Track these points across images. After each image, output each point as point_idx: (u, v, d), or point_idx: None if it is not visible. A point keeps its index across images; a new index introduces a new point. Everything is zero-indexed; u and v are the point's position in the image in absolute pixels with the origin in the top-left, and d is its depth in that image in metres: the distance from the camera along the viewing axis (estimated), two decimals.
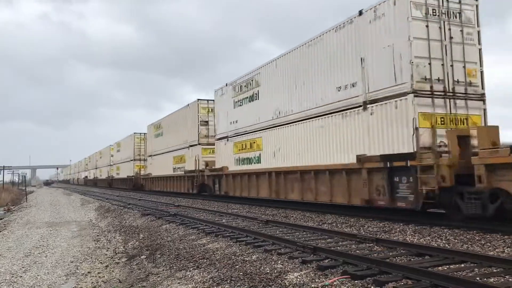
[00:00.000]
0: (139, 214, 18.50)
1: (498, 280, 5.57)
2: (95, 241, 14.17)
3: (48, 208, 29.12)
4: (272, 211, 15.85)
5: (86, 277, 9.58)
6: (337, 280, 6.02)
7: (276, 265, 7.27)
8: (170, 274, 8.26)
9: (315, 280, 6.19)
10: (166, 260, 9.44)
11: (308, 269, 6.84)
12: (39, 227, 18.31)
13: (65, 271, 10.28)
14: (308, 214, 14.13)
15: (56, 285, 9.16)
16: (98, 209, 25.27)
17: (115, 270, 10.00)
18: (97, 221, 19.93)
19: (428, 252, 7.28)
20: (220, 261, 8.20)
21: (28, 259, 11.70)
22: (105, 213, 22.08)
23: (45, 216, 23.37)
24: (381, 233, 9.77)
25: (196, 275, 7.68)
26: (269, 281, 6.48)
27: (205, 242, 10.41)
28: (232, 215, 14.99)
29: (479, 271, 6.06)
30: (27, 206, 33.53)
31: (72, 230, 17.24)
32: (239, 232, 10.87)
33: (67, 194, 49.12)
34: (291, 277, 6.48)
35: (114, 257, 11.38)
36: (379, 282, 5.67)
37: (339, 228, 11.02)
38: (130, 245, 12.51)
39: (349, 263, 6.79)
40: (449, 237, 8.77)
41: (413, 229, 9.98)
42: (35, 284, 9.23)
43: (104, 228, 17.30)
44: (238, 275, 7.05)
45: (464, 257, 6.72)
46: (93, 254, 12.10)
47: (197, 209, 18.40)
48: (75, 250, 12.85)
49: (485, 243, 8.08)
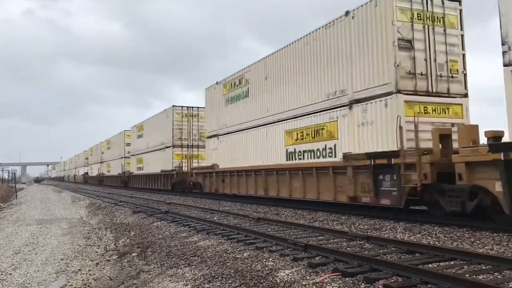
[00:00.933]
0: (130, 211, 18.43)
1: (487, 277, 5.62)
2: (85, 239, 14.10)
3: (38, 205, 28.93)
4: (263, 209, 15.87)
5: (77, 274, 9.54)
6: (328, 277, 6.04)
7: (267, 263, 7.28)
8: (161, 271, 8.25)
9: (306, 278, 6.20)
10: (157, 258, 9.42)
11: (299, 266, 6.86)
12: (29, 225, 18.18)
13: (55, 268, 10.23)
14: (300, 212, 14.17)
15: (46, 282, 9.11)
16: (89, 206, 25.15)
17: (105, 267, 9.97)
18: (87, 219, 19.83)
19: (418, 250, 7.33)
20: (211, 259, 8.19)
21: (18, 257, 11.61)
22: (96, 211, 21.98)
23: (35, 213, 23.21)
24: (372, 231, 9.83)
25: (187, 273, 7.67)
26: (260, 278, 6.49)
27: (197, 239, 10.39)
28: (223, 213, 14.98)
29: (468, 268, 6.11)
30: (17, 203, 33.27)
31: (63, 227, 17.14)
32: (230, 230, 10.87)
33: (58, 192, 48.80)
34: (282, 275, 6.49)
35: (105, 254, 11.34)
36: (370, 279, 5.70)
37: (330, 225, 11.07)
38: (121, 243, 12.46)
39: (340, 261, 6.81)
40: (439, 235, 8.84)
41: (404, 227, 10.04)
42: (24, 281, 9.17)
43: (95, 225, 17.23)
44: (229, 273, 7.05)
45: (454, 255, 6.77)
46: (84, 251, 12.05)
47: (188, 206, 18.37)
48: (65, 247, 12.78)
49: (474, 240, 8.15)
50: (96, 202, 26.64)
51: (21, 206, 29.65)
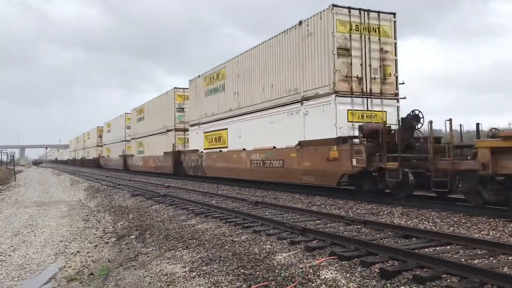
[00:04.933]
0: (129, 194, 18.49)
1: (482, 262, 5.67)
2: (84, 221, 14.17)
3: (37, 188, 29.00)
4: (261, 193, 15.93)
5: (75, 256, 9.60)
6: (325, 261, 6.09)
7: (265, 246, 7.33)
8: (160, 254, 8.31)
9: (303, 261, 6.25)
10: (155, 240, 9.48)
11: (296, 250, 6.91)
12: (27, 207, 18.25)
13: (54, 250, 10.29)
14: (298, 196, 14.23)
15: (45, 264, 9.18)
16: (88, 189, 25.22)
17: (104, 249, 10.03)
18: (86, 201, 19.90)
19: (415, 234, 7.38)
20: (209, 242, 8.25)
21: (17, 238, 11.68)
22: (94, 193, 22.04)
23: (34, 196, 23.29)
24: (369, 215, 9.88)
25: (185, 255, 7.73)
26: (258, 261, 6.55)
27: (195, 222, 10.45)
28: (222, 196, 15.04)
29: (464, 253, 6.16)
30: (16, 185, 33.34)
31: (61, 209, 17.20)
32: (228, 213, 10.92)
33: (56, 174, 48.88)
34: (279, 258, 6.54)
35: (103, 237, 11.40)
36: (366, 263, 5.75)
37: (328, 210, 11.12)
38: (120, 225, 12.53)
39: (337, 244, 6.86)
40: (436, 220, 8.89)
41: (401, 212, 10.09)
42: (24, 263, 9.23)
43: (94, 208, 17.30)
44: (227, 255, 7.10)
45: (450, 239, 6.82)
46: (82, 233, 12.11)
47: (187, 190, 18.43)
48: (64, 229, 12.85)
49: (470, 225, 8.20)
50: (95, 185, 26.71)
51: (20, 188, 29.72)
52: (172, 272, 6.93)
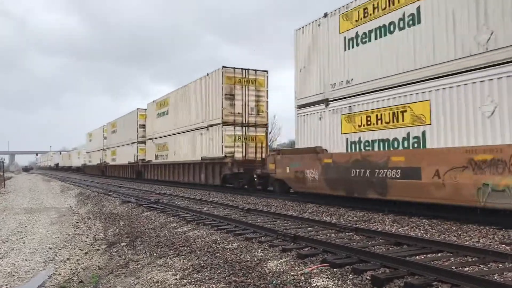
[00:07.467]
0: (119, 201, 18.37)
1: (473, 269, 5.70)
2: (74, 228, 14.04)
3: (27, 194, 28.72)
4: (253, 200, 15.92)
5: (65, 263, 9.51)
6: (317, 268, 6.08)
7: (257, 253, 7.30)
8: (151, 261, 8.25)
9: (295, 268, 6.24)
10: (146, 248, 9.41)
11: (288, 257, 6.89)
12: (17, 213, 18.05)
13: (43, 257, 10.18)
14: (290, 203, 14.23)
15: (34, 271, 9.07)
16: (78, 195, 25.02)
17: (94, 257, 9.94)
18: (77, 208, 19.74)
19: (406, 242, 7.40)
20: (200, 249, 8.20)
21: (5, 246, 11.54)
22: (85, 200, 21.88)
23: (23, 202, 23.05)
24: (360, 223, 9.90)
25: (176, 263, 7.68)
26: (249, 268, 6.52)
27: (186, 230, 10.40)
28: (213, 203, 14.99)
29: (455, 260, 6.19)
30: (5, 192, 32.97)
31: (51, 216, 17.04)
32: (220, 220, 10.89)
33: (47, 181, 48.45)
34: (271, 265, 6.52)
35: (93, 244, 11.30)
36: (358, 270, 5.74)
37: (320, 217, 11.13)
38: (110, 232, 12.43)
39: (328, 252, 6.86)
40: (427, 227, 8.93)
41: (392, 219, 10.13)
42: (12, 270, 9.11)
43: (84, 215, 17.15)
44: (219, 263, 7.07)
45: (441, 247, 6.85)
46: (73, 241, 12.00)
47: (178, 197, 18.35)
48: (54, 236, 12.72)
49: (461, 233, 8.25)
50: (85, 191, 26.50)
51: (9, 195, 29.40)
52: (163, 280, 6.87)
